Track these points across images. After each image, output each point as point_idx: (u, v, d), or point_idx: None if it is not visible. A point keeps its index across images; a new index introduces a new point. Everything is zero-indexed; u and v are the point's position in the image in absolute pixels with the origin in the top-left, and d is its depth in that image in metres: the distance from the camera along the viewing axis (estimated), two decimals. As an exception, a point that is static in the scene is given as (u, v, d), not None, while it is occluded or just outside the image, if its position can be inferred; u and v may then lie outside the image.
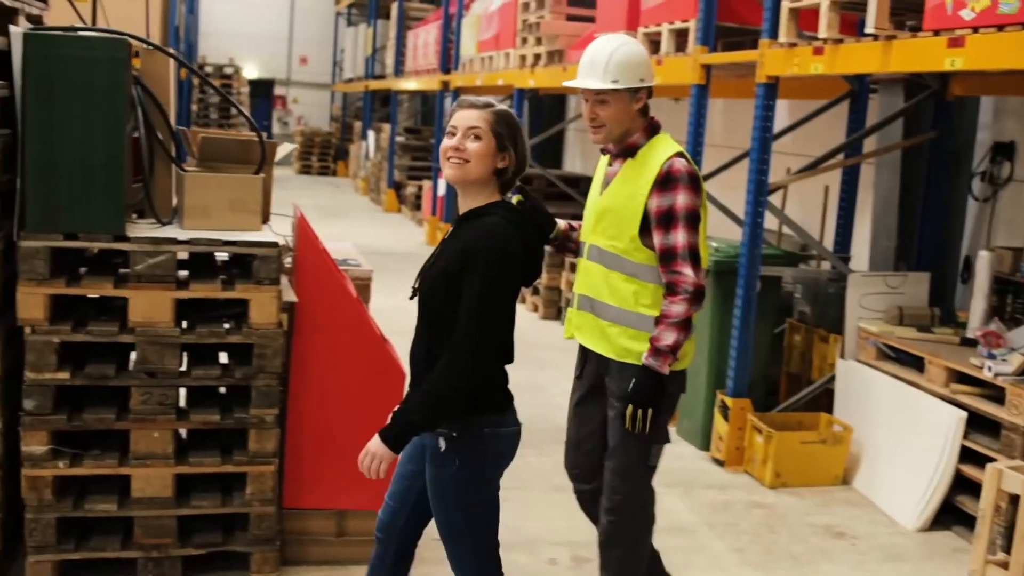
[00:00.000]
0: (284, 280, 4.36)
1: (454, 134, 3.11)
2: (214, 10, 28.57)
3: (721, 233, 8.19)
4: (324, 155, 27.40)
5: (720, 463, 6.26)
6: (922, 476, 5.50)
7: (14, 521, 4.08)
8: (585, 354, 3.95)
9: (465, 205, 3.15)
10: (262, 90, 29.87)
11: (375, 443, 3.03)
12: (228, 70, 25.30)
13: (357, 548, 4.47)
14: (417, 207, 17.36)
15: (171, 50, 4.46)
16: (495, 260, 2.99)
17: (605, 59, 3.68)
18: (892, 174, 7.11)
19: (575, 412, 4.05)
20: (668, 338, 3.62)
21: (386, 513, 3.45)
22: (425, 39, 16.49)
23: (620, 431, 3.77)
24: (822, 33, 5.28)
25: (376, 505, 4.44)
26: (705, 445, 6.50)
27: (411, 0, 20.38)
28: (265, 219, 4.42)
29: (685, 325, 3.63)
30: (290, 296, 4.26)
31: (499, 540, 3.31)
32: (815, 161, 6.99)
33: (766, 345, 6.65)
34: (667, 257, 3.64)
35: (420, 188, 17.32)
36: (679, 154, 3.68)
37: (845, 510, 5.71)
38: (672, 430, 6.90)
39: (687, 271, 3.61)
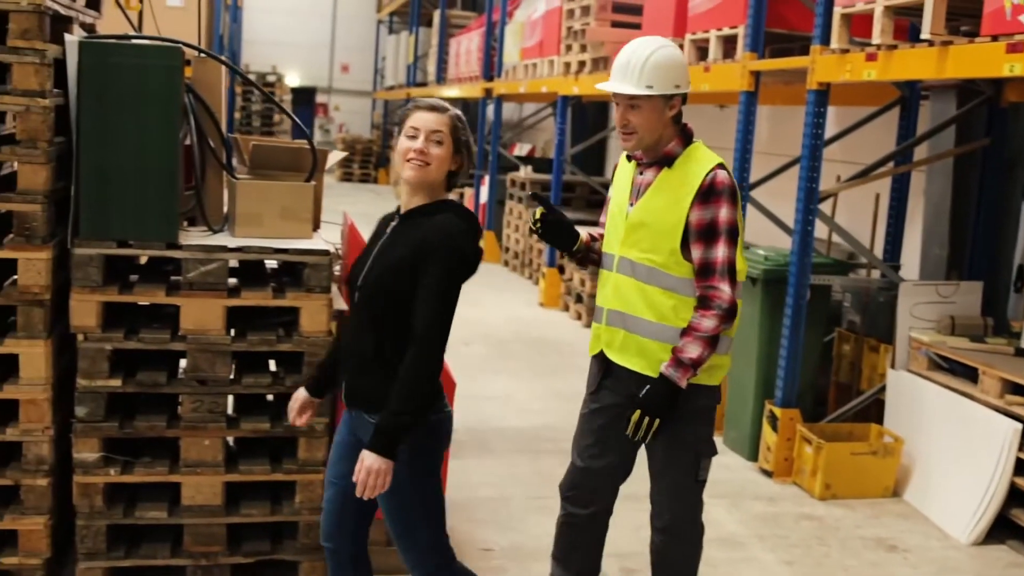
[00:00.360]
0: (334, 288, 4.36)
1: (415, 136, 3.14)
2: (257, 19, 28.81)
3: (766, 241, 8.12)
4: (365, 162, 27.50)
5: (768, 474, 6.18)
6: (976, 489, 5.41)
7: (65, 528, 4.10)
8: (604, 370, 3.76)
9: (412, 202, 3.22)
10: (304, 98, 30.07)
11: (371, 460, 2.99)
12: (271, 78, 25.46)
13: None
14: (458, 214, 17.34)
15: (223, 58, 4.48)
16: (456, 255, 3.10)
17: (641, 63, 3.53)
18: (944, 182, 7.01)
19: (586, 430, 3.83)
20: (693, 351, 3.49)
21: (328, 521, 3.41)
22: (467, 46, 16.51)
23: (667, 450, 3.67)
24: (876, 39, 5.21)
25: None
26: (753, 456, 6.43)
27: (453, 7, 20.41)
28: (316, 227, 4.42)
29: (712, 341, 3.51)
30: (340, 304, 4.25)
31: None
32: (866, 169, 6.91)
33: (815, 355, 6.57)
34: (705, 271, 3.52)
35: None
36: (721, 165, 3.56)
37: (897, 523, 5.62)
38: (718, 440, 6.84)
39: (724, 287, 3.50)
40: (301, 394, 3.48)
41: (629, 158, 3.74)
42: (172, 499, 4.06)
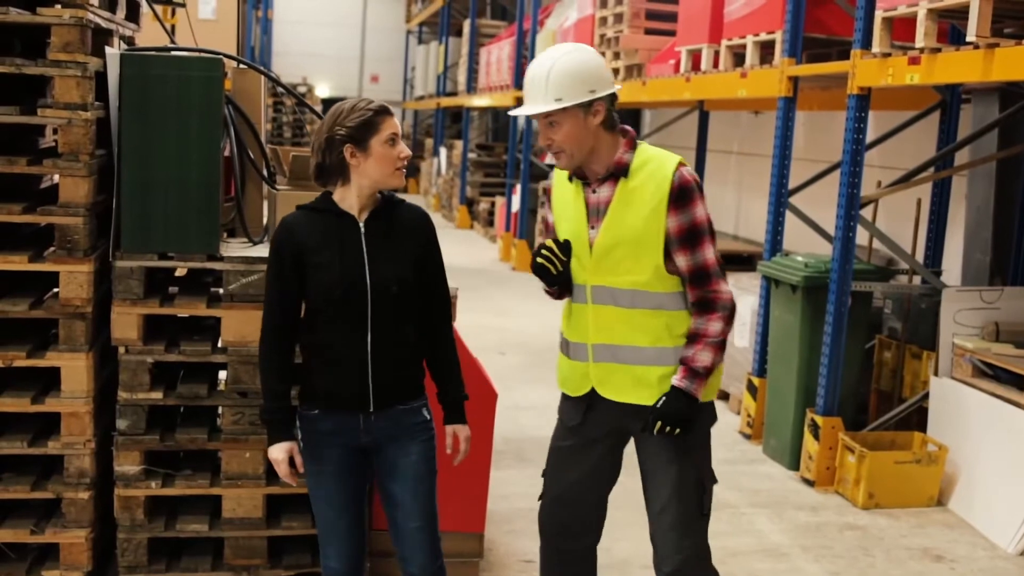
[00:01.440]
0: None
1: (396, 142, 3.15)
2: (287, 30, 28.96)
3: (802, 247, 8.04)
4: (395, 172, 27.52)
5: (810, 483, 6.10)
6: (1023, 497, 5.31)
7: (106, 540, 4.10)
8: (588, 404, 3.45)
9: (372, 202, 3.21)
10: (334, 108, 30.14)
11: (466, 430, 3.42)
12: (301, 89, 25.57)
13: (448, 569, 4.37)
14: (490, 223, 17.36)
15: (263, 68, 4.47)
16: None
17: (544, 76, 3.21)
18: (986, 186, 6.92)
19: (564, 463, 3.54)
20: (706, 358, 3.26)
21: (344, 563, 3.33)
22: (498, 55, 16.50)
23: (672, 482, 3.34)
24: (919, 42, 5.14)
25: (469, 526, 4.43)
26: (794, 465, 6.35)
27: (483, 17, 20.42)
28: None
29: (722, 346, 3.29)
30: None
31: None
32: (907, 174, 6.82)
33: (857, 362, 6.48)
34: (699, 276, 3.27)
35: (493, 204, 17.32)
36: (681, 163, 3.27)
37: (942, 532, 5.53)
38: (758, 448, 6.77)
39: (723, 287, 3.28)
40: (292, 447, 3.23)
41: (570, 177, 3.40)
42: (213, 512, 4.05)
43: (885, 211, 8.09)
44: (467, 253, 15.69)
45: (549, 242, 3.39)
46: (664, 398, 3.28)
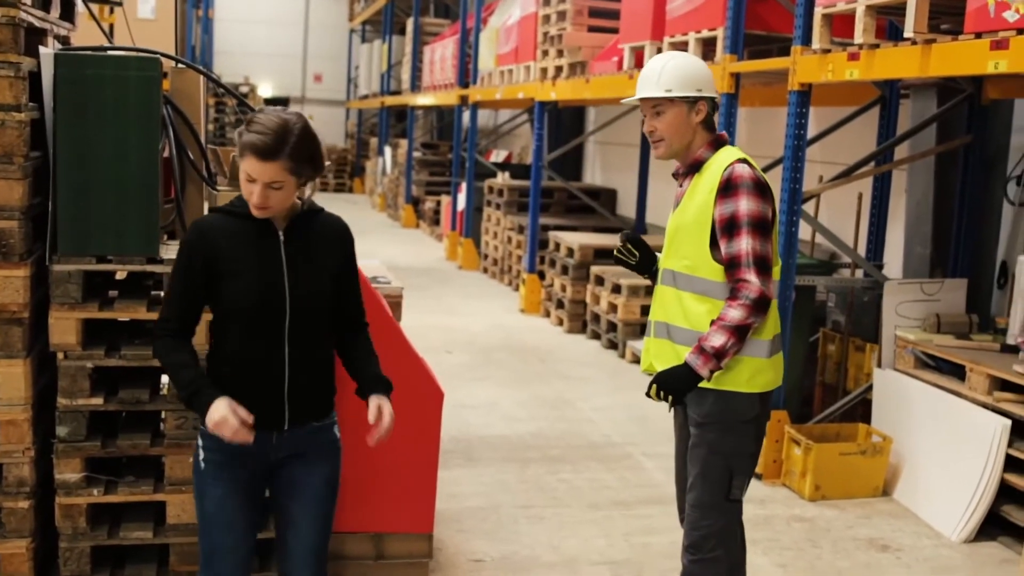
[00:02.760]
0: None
1: (252, 180, 2.88)
2: (228, 29, 28.63)
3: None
4: (340, 172, 27.41)
5: (758, 477, 6.15)
6: (966, 486, 5.39)
7: (47, 549, 4.02)
8: None
9: (290, 209, 3.05)
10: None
11: (390, 405, 3.14)
12: (244, 89, 25.29)
13: (396, 571, 4.39)
14: (436, 222, 17.32)
15: (203, 68, 4.41)
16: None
17: (659, 69, 3.57)
18: (926, 180, 7.02)
19: (677, 448, 3.85)
20: (716, 340, 3.42)
21: None
22: (442, 54, 16.46)
23: (700, 461, 3.59)
24: (858, 38, 5.19)
25: (418, 527, 4.40)
26: (741, 458, 6.39)
27: (426, 15, 20.33)
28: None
29: (738, 332, 3.41)
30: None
31: None
32: (848, 169, 6.90)
33: (800, 355, 6.55)
34: (732, 264, 3.45)
35: (439, 203, 17.28)
36: (741, 160, 3.52)
37: (888, 522, 5.60)
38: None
39: (752, 278, 3.40)
40: (228, 401, 2.94)
41: (675, 175, 3.76)
42: (157, 518, 3.98)
43: (829, 206, 8.17)
44: (413, 252, 15.64)
45: (622, 239, 3.85)
46: (670, 368, 3.54)
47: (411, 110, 19.51)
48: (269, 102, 28.68)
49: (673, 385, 3.52)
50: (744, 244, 3.42)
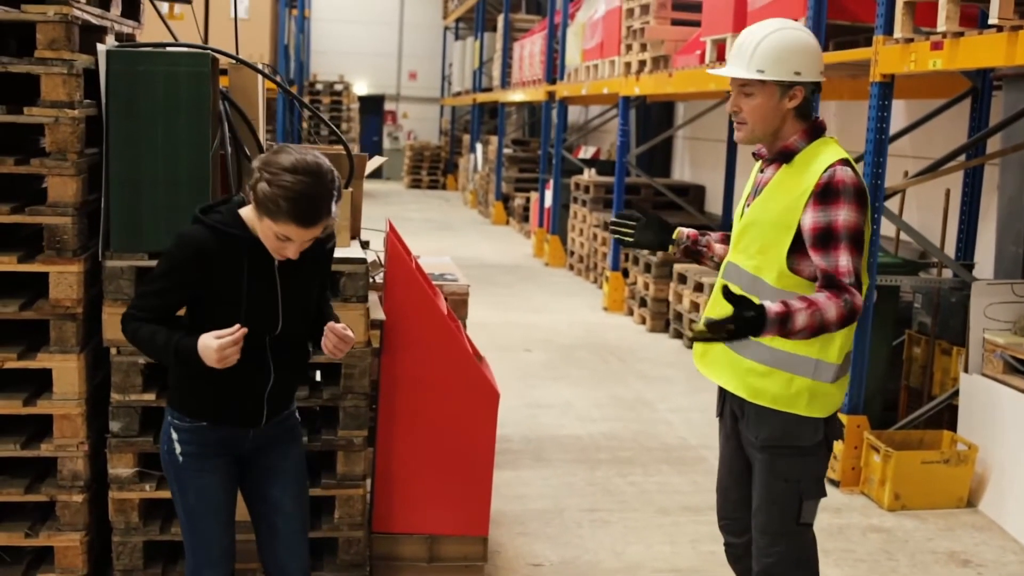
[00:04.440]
0: (374, 297, 4.25)
1: (286, 240, 2.83)
2: (324, 28, 29.01)
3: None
4: (433, 169, 27.57)
5: (835, 483, 5.93)
6: (1056, 499, 5.13)
7: (102, 543, 4.04)
8: (720, 390, 3.47)
9: None
10: (372, 106, 30.20)
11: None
12: (338, 87, 25.59)
13: (450, 574, 4.32)
14: (525, 219, 17.26)
15: (258, 64, 4.39)
16: None
17: (753, 45, 3.13)
18: (1019, 175, 6.70)
19: (721, 454, 3.56)
20: (799, 319, 2.95)
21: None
22: (531, 50, 16.39)
23: (766, 486, 3.31)
24: (940, 26, 4.96)
25: (472, 529, 4.33)
26: (819, 464, 6.18)
27: (517, 12, 20.29)
28: (354, 234, 4.32)
29: (818, 330, 3.00)
30: (379, 314, 4.14)
31: None
32: (935, 163, 6.62)
33: (883, 358, 6.31)
34: (828, 281, 3.05)
35: (528, 200, 17.21)
36: (845, 161, 3.11)
37: (970, 535, 5.35)
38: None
39: (856, 293, 3.04)
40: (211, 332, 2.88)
41: (756, 156, 3.39)
42: (210, 515, 3.97)
43: (916, 202, 7.89)
44: (502, 249, 15.60)
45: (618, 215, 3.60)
46: (736, 312, 2.92)
47: (502, 107, 19.49)
48: (364, 100, 29.01)
49: (738, 325, 2.91)
50: (843, 260, 3.04)
